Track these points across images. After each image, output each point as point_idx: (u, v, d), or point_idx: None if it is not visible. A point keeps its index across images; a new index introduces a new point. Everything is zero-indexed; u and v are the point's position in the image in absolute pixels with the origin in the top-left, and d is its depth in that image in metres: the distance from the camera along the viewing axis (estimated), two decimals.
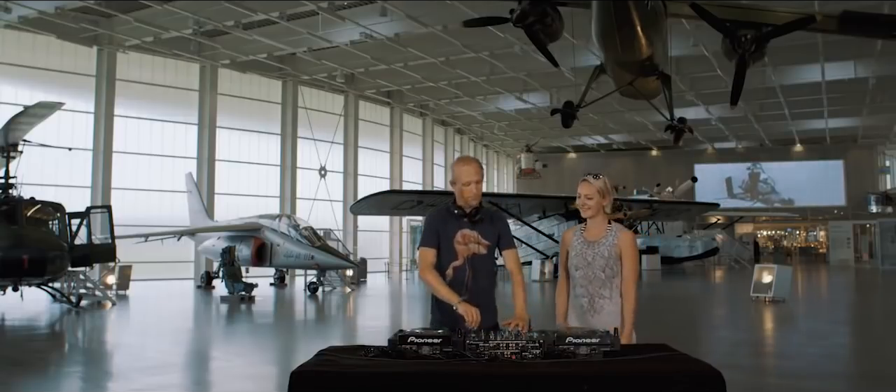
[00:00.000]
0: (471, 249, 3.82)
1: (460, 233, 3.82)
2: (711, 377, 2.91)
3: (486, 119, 39.27)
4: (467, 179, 3.82)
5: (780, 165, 47.56)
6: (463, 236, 3.82)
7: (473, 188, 3.83)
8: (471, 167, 3.85)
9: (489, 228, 3.88)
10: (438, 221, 3.88)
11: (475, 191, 3.83)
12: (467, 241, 3.82)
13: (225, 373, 8.82)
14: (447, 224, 3.85)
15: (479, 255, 3.83)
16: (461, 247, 3.82)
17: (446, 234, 3.84)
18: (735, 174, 48.72)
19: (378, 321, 14.86)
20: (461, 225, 3.84)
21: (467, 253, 3.81)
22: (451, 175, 3.92)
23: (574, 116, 15.02)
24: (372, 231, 34.37)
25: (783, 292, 15.98)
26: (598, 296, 3.95)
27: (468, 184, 3.82)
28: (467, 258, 3.81)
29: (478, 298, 3.73)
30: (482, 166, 3.95)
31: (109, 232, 17.47)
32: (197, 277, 25.26)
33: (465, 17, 16.02)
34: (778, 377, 8.23)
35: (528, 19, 10.89)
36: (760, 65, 17.22)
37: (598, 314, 3.92)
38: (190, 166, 26.99)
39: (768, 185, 48.21)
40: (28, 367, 8.77)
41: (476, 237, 3.83)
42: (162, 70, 26.75)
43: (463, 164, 3.88)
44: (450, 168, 4.10)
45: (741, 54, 10.59)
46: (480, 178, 3.85)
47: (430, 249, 3.86)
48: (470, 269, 3.81)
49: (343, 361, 3.10)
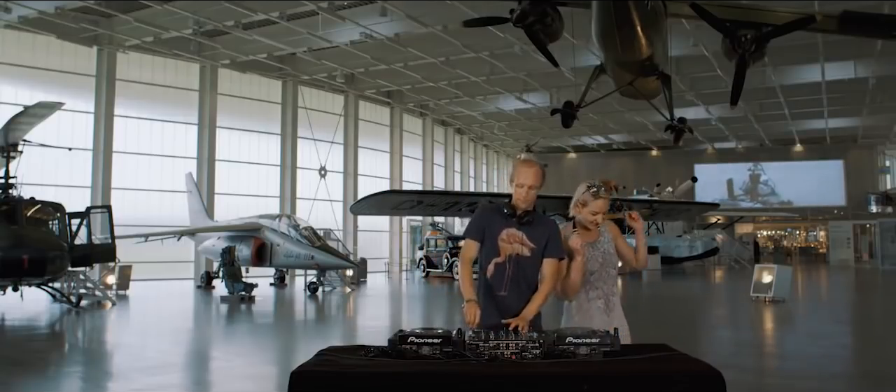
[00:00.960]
0: (514, 249, 3.82)
1: (506, 231, 3.84)
2: (711, 377, 2.91)
3: (486, 119, 39.26)
4: (522, 181, 3.84)
5: (780, 165, 47.50)
6: (508, 235, 3.84)
7: (526, 192, 3.83)
8: (531, 171, 3.85)
9: (538, 232, 3.86)
10: (486, 217, 3.91)
11: (526, 195, 3.83)
12: (512, 241, 3.83)
13: (225, 373, 8.82)
14: (494, 221, 3.88)
15: (522, 256, 3.83)
16: (505, 245, 3.83)
17: (491, 231, 3.86)
18: (736, 175, 48.68)
19: (378, 321, 14.86)
20: (509, 224, 3.85)
21: (510, 252, 3.82)
22: (512, 173, 3.95)
23: (574, 116, 15.00)
24: (372, 231, 34.36)
25: (783, 292, 15.98)
26: (611, 294, 3.99)
27: (522, 186, 3.84)
28: (509, 257, 3.82)
29: (515, 299, 3.75)
30: (544, 174, 3.94)
31: (109, 232, 17.47)
32: (197, 277, 25.25)
33: (465, 17, 16.01)
34: (778, 377, 8.23)
35: (528, 19, 10.88)
36: (760, 65, 17.21)
37: (612, 312, 3.93)
38: (190, 166, 26.99)
39: (768, 187, 48.17)
40: (28, 367, 8.77)
41: (521, 238, 3.83)
42: (162, 70, 26.73)
43: (524, 166, 3.90)
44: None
45: (741, 54, 10.58)
46: (537, 184, 3.84)
47: (472, 242, 3.90)
48: (510, 268, 3.81)
49: (343, 361, 3.10)
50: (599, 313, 3.94)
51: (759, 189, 48.42)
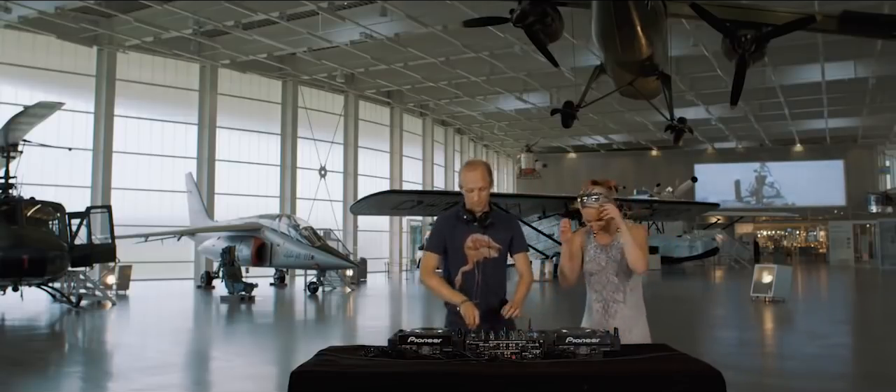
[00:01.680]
0: (482, 254, 3.78)
1: (471, 237, 3.78)
2: (711, 377, 2.91)
3: (486, 119, 39.26)
4: (471, 186, 3.76)
5: (786, 165, 47.41)
6: (474, 241, 3.78)
7: (477, 195, 3.76)
8: (476, 173, 3.77)
9: (501, 232, 3.83)
10: (446, 227, 3.83)
11: (478, 198, 3.76)
12: (478, 246, 3.78)
13: (225, 373, 8.82)
14: (456, 229, 3.81)
15: (490, 259, 3.79)
16: (472, 251, 3.77)
17: (455, 240, 3.79)
18: (743, 176, 48.59)
19: (378, 321, 14.86)
20: (471, 229, 3.79)
21: (478, 257, 3.77)
22: (460, 178, 3.87)
23: (574, 116, 15.00)
24: (372, 231, 34.36)
25: (783, 292, 15.98)
26: (612, 301, 3.91)
27: (472, 190, 3.76)
28: (478, 263, 3.77)
29: (489, 303, 3.72)
30: (491, 171, 3.86)
31: (109, 232, 17.46)
32: (197, 277, 25.25)
33: (465, 17, 16.01)
34: (778, 377, 8.23)
35: (528, 19, 10.88)
36: (760, 65, 17.21)
37: (612, 319, 3.87)
38: (190, 166, 26.99)
39: (774, 189, 48.12)
40: (28, 367, 8.77)
41: (487, 241, 3.79)
42: (162, 70, 26.74)
43: (468, 170, 3.81)
44: (452, 169, 4.07)
45: (741, 54, 10.58)
46: (487, 184, 3.77)
47: (433, 254, 3.84)
48: (480, 273, 3.77)
49: (343, 361, 3.10)
50: (598, 317, 3.92)
51: (765, 191, 48.35)
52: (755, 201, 48.32)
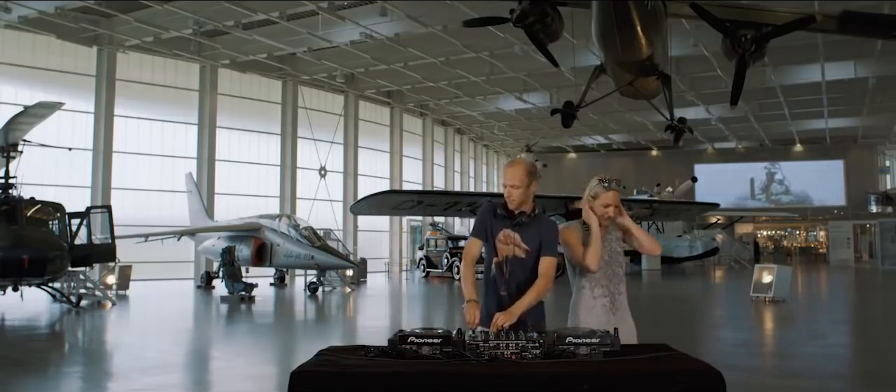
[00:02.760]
0: (511, 250, 3.85)
1: (503, 232, 3.86)
2: (711, 377, 2.91)
3: (486, 119, 39.26)
4: (507, 182, 3.85)
5: (796, 165, 47.41)
6: (505, 236, 3.86)
7: (511, 192, 3.83)
8: (513, 170, 3.85)
9: (532, 233, 3.86)
10: (487, 217, 3.93)
11: (514, 195, 3.83)
12: (507, 242, 3.85)
13: (225, 373, 8.82)
14: (493, 221, 3.90)
15: (517, 257, 3.84)
16: (501, 245, 3.86)
17: (491, 231, 3.89)
18: (756, 174, 48.55)
19: (378, 321, 14.86)
20: (505, 225, 3.87)
21: (507, 253, 3.85)
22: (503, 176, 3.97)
23: (574, 116, 15.01)
24: (372, 231, 34.36)
25: (783, 292, 15.98)
26: (617, 293, 3.94)
27: (506, 187, 3.86)
28: (506, 258, 3.84)
29: (513, 299, 3.75)
30: (531, 172, 3.86)
31: (109, 232, 17.46)
32: (197, 277, 25.25)
33: (465, 17, 16.01)
34: (778, 377, 8.23)
35: (528, 19, 10.89)
36: (760, 65, 17.21)
37: (618, 311, 3.89)
38: (190, 166, 26.99)
39: (783, 186, 48.09)
40: (28, 367, 8.77)
41: (516, 239, 3.85)
42: (162, 70, 26.74)
43: (509, 167, 3.90)
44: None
45: (741, 54, 10.58)
46: (522, 183, 3.80)
47: (476, 241, 3.92)
48: (507, 268, 3.84)
49: (343, 361, 3.10)
50: (604, 312, 3.89)
51: (773, 188, 48.31)
52: (765, 199, 48.26)
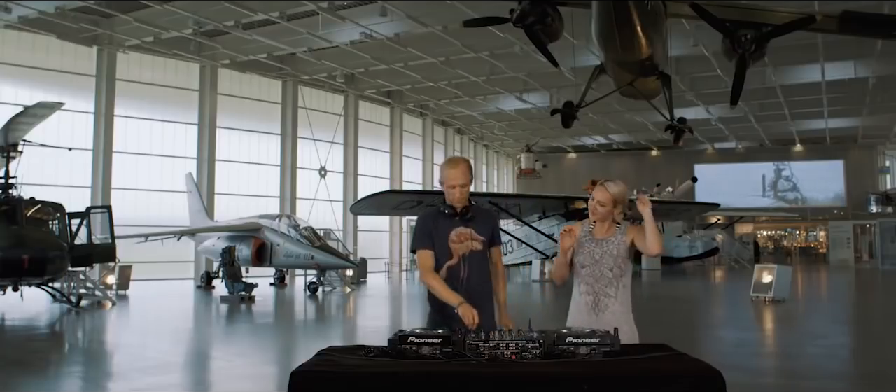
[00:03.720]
0: (467, 247, 3.84)
1: (455, 231, 3.84)
2: (711, 377, 2.91)
3: (486, 119, 39.26)
4: (453, 183, 3.83)
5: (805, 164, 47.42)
6: (458, 234, 3.84)
7: (458, 192, 3.83)
8: (457, 170, 3.84)
9: (483, 225, 3.91)
10: (430, 223, 3.89)
11: (460, 194, 3.84)
12: (462, 240, 3.84)
13: (225, 373, 8.82)
14: (439, 224, 3.87)
15: (475, 251, 3.86)
16: (456, 245, 3.83)
17: (439, 235, 3.85)
18: (766, 172, 48.52)
19: (378, 321, 14.86)
20: (454, 223, 3.85)
21: (464, 251, 3.83)
22: (440, 175, 3.92)
23: (574, 116, 15.03)
24: (372, 231, 34.37)
25: (783, 292, 15.97)
26: (603, 294, 3.89)
27: (454, 187, 3.83)
28: (463, 256, 3.83)
29: (475, 296, 3.74)
30: (471, 166, 3.92)
31: (109, 232, 17.46)
32: (197, 277, 25.26)
33: (465, 17, 16.01)
34: (778, 377, 8.23)
35: (528, 19, 10.90)
36: (760, 65, 17.23)
37: (602, 313, 3.86)
38: (190, 166, 26.99)
39: (790, 183, 48.05)
40: (28, 367, 8.77)
41: (471, 234, 3.85)
42: (162, 70, 26.75)
43: (449, 167, 3.87)
44: (438, 167, 4.10)
45: (741, 54, 10.59)
46: (468, 180, 3.84)
47: (427, 251, 3.87)
48: (466, 266, 3.83)
49: (343, 361, 3.10)
50: (587, 311, 3.89)
51: (780, 185, 48.27)
52: (773, 196, 48.22)
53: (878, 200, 44.76)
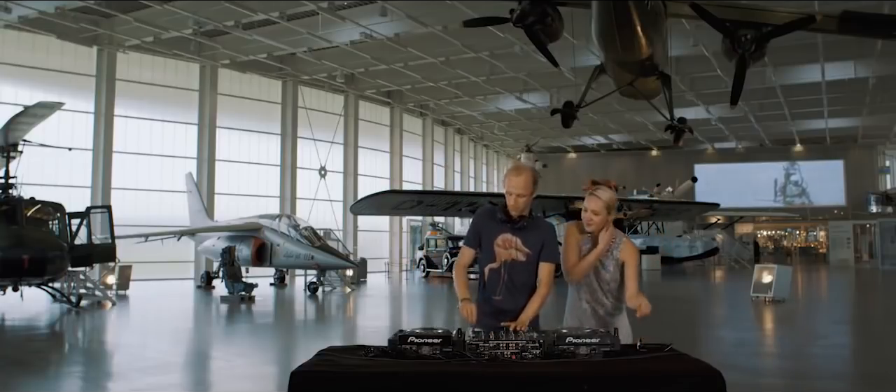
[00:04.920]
0: (510, 254, 3.85)
1: (501, 237, 3.86)
2: (711, 377, 2.91)
3: (486, 119, 39.26)
4: (512, 190, 3.83)
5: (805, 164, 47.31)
6: (504, 241, 3.86)
7: (515, 200, 3.83)
8: (520, 179, 3.82)
9: (532, 237, 3.88)
10: (483, 222, 3.93)
11: (517, 203, 3.83)
12: (507, 246, 3.85)
13: (225, 373, 8.82)
14: (490, 226, 3.89)
15: (517, 261, 3.86)
16: (500, 250, 3.86)
17: (488, 236, 3.88)
18: (777, 174, 48.43)
19: (378, 321, 14.86)
20: (504, 229, 3.87)
21: (506, 257, 3.85)
22: (504, 181, 3.94)
23: (574, 116, 15.01)
24: (372, 231, 34.36)
25: (783, 292, 15.98)
26: (600, 304, 4.00)
27: (511, 194, 3.84)
28: (505, 262, 3.85)
29: (510, 303, 3.77)
30: (536, 180, 3.88)
31: (109, 232, 17.45)
32: (197, 277, 25.25)
33: (465, 17, 16.00)
34: (778, 377, 8.23)
35: (528, 19, 10.88)
36: (760, 65, 17.22)
37: (601, 321, 3.96)
38: (190, 166, 26.98)
39: (799, 188, 47.96)
40: (28, 367, 8.77)
41: (516, 243, 3.86)
42: (162, 70, 26.73)
43: (514, 175, 3.87)
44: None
45: (741, 54, 10.57)
46: (528, 193, 3.82)
47: (468, 249, 3.95)
48: (505, 273, 3.84)
49: (343, 361, 3.10)
50: (585, 316, 4.00)
51: (789, 189, 48.19)
52: (782, 199, 48.14)
53: (878, 200, 44.76)
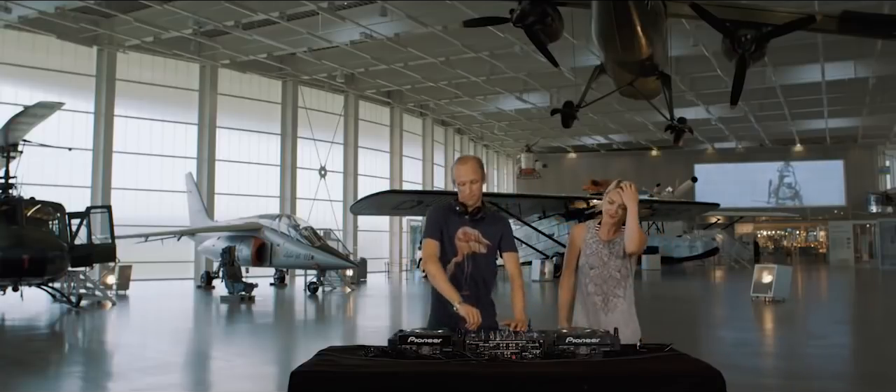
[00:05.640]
0: (471, 248, 3.84)
1: (461, 230, 3.85)
2: (711, 377, 2.91)
3: (486, 119, 39.26)
4: (463, 179, 3.83)
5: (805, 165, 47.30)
6: (464, 234, 3.85)
7: (469, 188, 3.83)
8: (468, 166, 3.85)
9: (491, 228, 3.90)
10: (441, 216, 3.90)
11: (471, 191, 3.83)
12: (468, 239, 3.84)
13: (225, 373, 8.82)
14: (449, 220, 3.87)
15: (479, 253, 3.85)
16: (462, 244, 3.84)
17: (448, 231, 3.86)
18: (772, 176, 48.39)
19: (378, 321, 14.85)
20: (462, 222, 3.86)
21: (467, 250, 3.84)
22: (452, 173, 3.93)
23: (574, 116, 15.01)
24: (372, 231, 34.37)
25: (783, 292, 15.97)
26: (612, 294, 3.97)
27: (464, 184, 3.83)
28: (467, 256, 3.84)
29: (475, 297, 3.76)
30: (482, 166, 3.93)
31: (109, 232, 17.46)
32: (197, 277, 25.25)
33: (465, 17, 16.00)
34: (778, 377, 8.23)
35: (528, 19, 10.88)
36: (760, 65, 17.22)
37: (611, 313, 3.93)
38: (190, 166, 26.99)
39: (792, 190, 47.92)
40: (28, 367, 8.77)
41: (476, 236, 3.85)
42: (162, 70, 26.74)
43: (461, 164, 3.89)
44: (450, 168, 4.11)
45: (741, 54, 10.58)
46: (479, 178, 3.83)
47: (434, 241, 3.87)
48: (469, 266, 3.83)
49: (343, 361, 3.10)
50: (595, 310, 3.97)
51: (782, 192, 48.16)
52: (775, 201, 48.16)
53: (878, 200, 44.75)
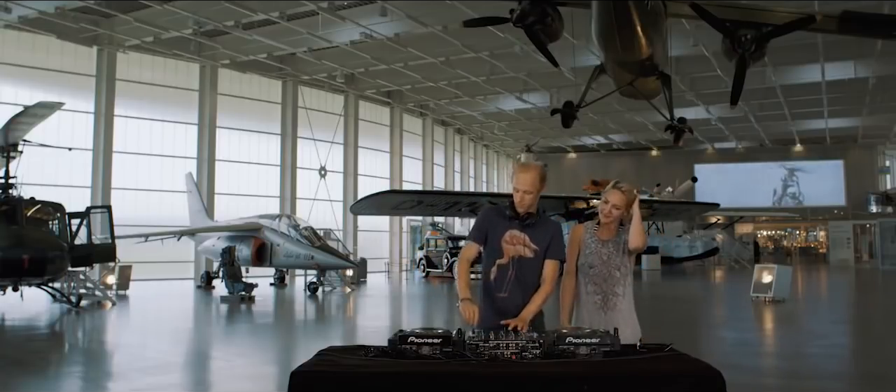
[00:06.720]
0: (517, 251, 3.87)
1: (509, 233, 3.88)
2: (711, 377, 2.91)
3: (486, 119, 39.26)
4: (518, 187, 3.87)
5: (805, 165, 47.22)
6: (511, 237, 3.88)
7: (521, 196, 3.86)
8: (527, 177, 3.87)
9: (540, 234, 3.91)
10: (489, 219, 3.95)
11: (522, 199, 3.86)
12: (515, 243, 3.87)
13: (225, 373, 8.82)
14: (498, 223, 3.92)
15: (525, 257, 3.87)
16: (508, 246, 3.87)
17: (494, 233, 3.90)
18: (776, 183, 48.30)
19: (378, 321, 14.86)
20: (512, 226, 3.89)
21: (514, 254, 3.87)
22: (512, 178, 3.97)
23: (574, 116, 15.00)
24: (372, 231, 34.36)
25: (783, 292, 15.98)
26: (612, 293, 3.99)
27: (518, 191, 3.87)
28: (513, 259, 3.86)
29: (516, 300, 3.78)
30: (544, 177, 3.92)
31: (109, 232, 17.45)
32: (197, 277, 25.25)
33: (465, 17, 15.99)
34: (778, 377, 8.23)
35: (528, 19, 10.87)
36: (760, 65, 17.21)
37: (611, 312, 3.95)
38: (190, 166, 26.98)
39: (795, 200, 47.78)
40: (28, 367, 8.77)
41: (524, 240, 3.87)
42: (162, 70, 26.73)
43: (522, 172, 3.92)
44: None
45: (741, 54, 10.57)
46: (534, 190, 3.85)
47: (473, 245, 3.96)
48: (513, 269, 3.86)
49: (343, 361, 3.10)
50: (595, 309, 3.98)
51: (784, 202, 48.06)
52: (779, 202, 48.09)
53: (878, 200, 44.76)
